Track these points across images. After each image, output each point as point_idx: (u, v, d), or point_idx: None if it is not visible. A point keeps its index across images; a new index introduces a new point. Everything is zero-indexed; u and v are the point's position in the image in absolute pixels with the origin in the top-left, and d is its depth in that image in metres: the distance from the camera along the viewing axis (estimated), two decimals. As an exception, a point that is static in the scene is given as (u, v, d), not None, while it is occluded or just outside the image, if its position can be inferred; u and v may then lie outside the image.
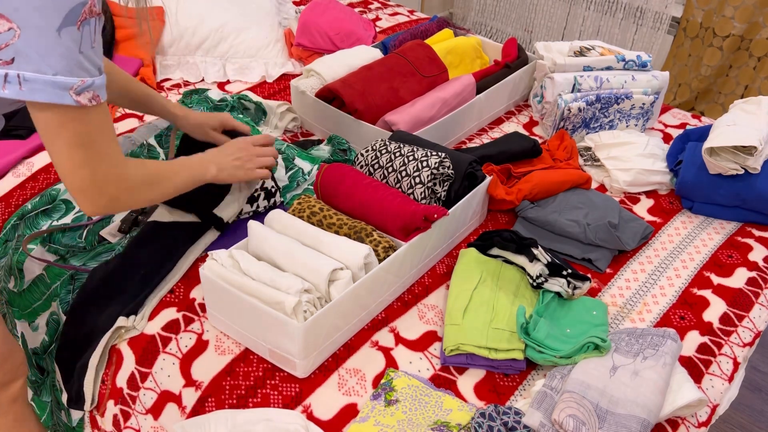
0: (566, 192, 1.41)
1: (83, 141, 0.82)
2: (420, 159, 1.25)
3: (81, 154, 0.83)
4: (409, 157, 1.26)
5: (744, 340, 1.16)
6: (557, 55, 1.66)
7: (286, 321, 0.97)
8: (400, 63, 1.60)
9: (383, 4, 2.38)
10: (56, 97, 0.77)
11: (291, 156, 1.45)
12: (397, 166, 1.26)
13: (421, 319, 1.16)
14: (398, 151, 1.28)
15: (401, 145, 1.30)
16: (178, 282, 1.20)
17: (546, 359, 1.03)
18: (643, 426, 0.91)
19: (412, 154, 1.26)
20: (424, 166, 1.24)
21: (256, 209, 1.30)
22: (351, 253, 1.07)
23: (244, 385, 1.03)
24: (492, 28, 3.51)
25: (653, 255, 1.32)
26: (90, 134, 0.83)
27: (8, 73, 0.74)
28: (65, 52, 0.75)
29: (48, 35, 0.74)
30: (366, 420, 0.96)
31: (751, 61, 2.68)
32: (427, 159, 1.24)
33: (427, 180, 1.23)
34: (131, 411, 1.05)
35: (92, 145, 0.84)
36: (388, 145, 1.30)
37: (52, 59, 0.75)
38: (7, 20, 0.72)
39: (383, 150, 1.29)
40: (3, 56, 0.74)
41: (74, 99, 0.78)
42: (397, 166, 1.26)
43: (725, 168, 1.36)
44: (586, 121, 1.61)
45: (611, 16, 3.01)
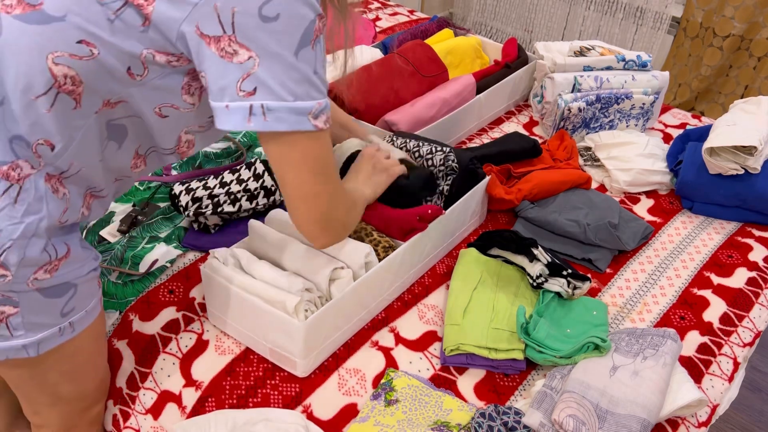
0: (566, 192, 1.41)
1: (318, 166, 0.80)
2: (425, 156, 1.26)
3: (319, 179, 0.81)
4: (415, 153, 1.28)
5: (744, 340, 1.16)
6: (557, 55, 1.66)
7: (287, 320, 0.97)
8: (400, 63, 1.60)
9: (383, 4, 2.38)
10: (297, 124, 0.74)
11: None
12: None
13: (421, 319, 1.16)
14: (404, 146, 1.30)
15: (407, 140, 1.31)
16: (177, 282, 1.20)
17: (546, 359, 1.03)
18: (643, 426, 0.91)
19: (418, 150, 1.28)
20: (429, 165, 1.25)
21: (255, 207, 1.30)
22: (352, 252, 1.07)
23: (244, 385, 1.03)
24: (492, 28, 3.51)
25: (653, 255, 1.32)
26: (323, 157, 0.80)
27: (252, 105, 0.72)
28: (302, 76, 0.73)
29: (286, 61, 0.72)
30: (366, 420, 0.96)
31: (751, 61, 2.68)
32: (432, 156, 1.25)
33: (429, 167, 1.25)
34: (131, 411, 1.04)
35: (326, 169, 0.81)
36: (395, 141, 1.31)
37: (291, 84, 0.72)
38: (247, 49, 0.70)
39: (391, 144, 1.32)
40: (246, 87, 0.72)
41: (312, 124, 0.75)
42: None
43: (725, 168, 1.36)
44: (586, 121, 1.61)
45: (611, 16, 3.01)
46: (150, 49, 0.74)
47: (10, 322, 0.82)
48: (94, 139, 0.81)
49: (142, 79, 0.77)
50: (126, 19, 0.72)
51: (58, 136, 0.77)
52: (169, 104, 0.81)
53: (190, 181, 1.31)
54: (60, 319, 0.86)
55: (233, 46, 0.71)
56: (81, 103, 0.76)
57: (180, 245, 1.27)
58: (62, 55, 0.73)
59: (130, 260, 1.21)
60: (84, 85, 0.75)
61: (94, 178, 0.85)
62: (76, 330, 0.89)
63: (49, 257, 0.82)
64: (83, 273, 0.87)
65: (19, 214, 0.78)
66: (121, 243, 1.25)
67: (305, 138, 0.77)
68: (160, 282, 1.20)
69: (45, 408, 1.00)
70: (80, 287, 0.87)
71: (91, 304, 0.91)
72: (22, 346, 0.85)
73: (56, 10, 0.72)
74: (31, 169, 0.78)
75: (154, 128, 0.84)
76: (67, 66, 0.73)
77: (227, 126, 0.74)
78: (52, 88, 0.74)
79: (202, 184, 1.30)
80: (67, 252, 0.84)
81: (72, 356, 0.93)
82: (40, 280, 0.82)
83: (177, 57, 0.75)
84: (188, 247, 1.27)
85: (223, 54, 0.71)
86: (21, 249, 0.78)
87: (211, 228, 1.28)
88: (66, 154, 0.79)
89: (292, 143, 0.77)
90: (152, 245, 1.25)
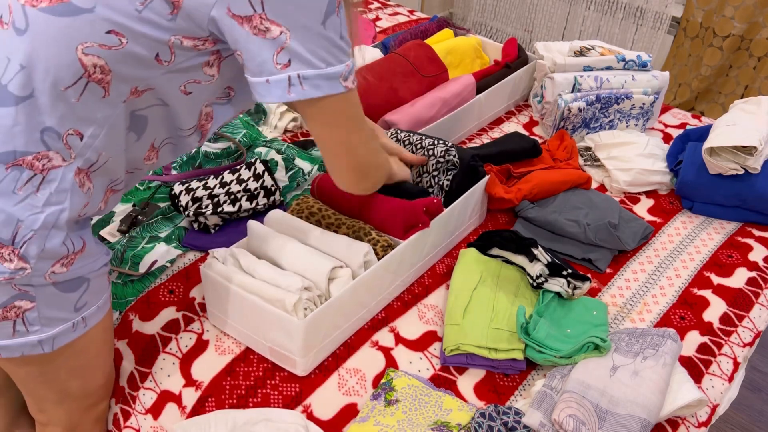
0: (566, 192, 1.41)
1: (354, 121, 0.86)
2: (427, 147, 1.28)
3: (354, 135, 0.87)
4: (417, 146, 1.29)
5: (744, 340, 1.16)
6: (557, 55, 1.66)
7: (287, 318, 0.97)
8: (400, 63, 1.60)
9: (383, 4, 2.38)
10: (331, 89, 0.79)
11: (291, 156, 1.45)
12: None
13: (421, 319, 1.16)
14: (407, 139, 1.31)
15: (411, 133, 1.32)
16: (177, 282, 1.20)
17: (546, 359, 1.03)
18: (643, 426, 0.91)
19: (420, 142, 1.30)
20: (430, 155, 1.26)
21: (255, 207, 1.30)
22: (351, 252, 1.07)
23: (244, 385, 1.03)
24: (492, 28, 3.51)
25: (653, 255, 1.32)
26: (357, 114, 0.86)
27: (290, 76, 0.76)
28: (331, 43, 0.77)
29: (315, 31, 0.76)
30: (366, 420, 0.96)
31: (751, 61, 2.68)
32: (434, 147, 1.26)
33: (433, 169, 1.25)
34: (131, 411, 1.05)
35: (360, 125, 0.88)
36: (398, 134, 1.32)
37: (322, 52, 0.77)
38: (278, 25, 0.74)
39: (393, 139, 1.32)
40: (281, 60, 0.76)
41: (344, 86, 0.80)
42: None
43: (725, 168, 1.36)
44: (586, 121, 1.61)
45: (611, 16, 3.01)
46: (177, 35, 0.76)
47: (26, 317, 0.83)
48: (121, 130, 0.82)
49: (169, 65, 0.79)
50: (154, 8, 0.73)
51: (87, 125, 0.78)
52: (192, 80, 0.83)
53: (190, 181, 1.31)
54: (74, 314, 0.87)
55: (265, 23, 0.74)
56: (109, 91, 0.77)
57: (180, 245, 1.27)
58: (92, 46, 0.74)
59: (130, 260, 1.21)
60: (113, 74, 0.76)
61: (117, 170, 0.87)
62: (88, 325, 0.90)
63: (67, 250, 0.83)
64: (96, 267, 0.88)
65: (41, 203, 0.79)
66: (121, 243, 1.25)
67: (338, 99, 0.82)
68: (160, 282, 1.20)
69: (51, 405, 1.00)
70: (93, 282, 0.88)
71: (103, 299, 0.92)
72: (38, 342, 0.85)
73: (85, 2, 0.73)
74: (62, 161, 0.79)
75: (177, 107, 0.86)
76: (96, 56, 0.74)
77: (268, 99, 0.78)
78: (81, 77, 0.75)
79: (202, 184, 1.30)
80: (83, 246, 0.85)
81: (82, 352, 0.94)
82: (57, 273, 0.82)
83: (203, 40, 0.78)
84: (188, 247, 1.27)
85: (256, 32, 0.74)
86: (41, 240, 0.79)
87: (211, 228, 1.28)
88: (95, 143, 0.80)
89: (327, 105, 0.82)
90: (152, 245, 1.25)
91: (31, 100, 0.75)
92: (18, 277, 0.79)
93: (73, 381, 0.97)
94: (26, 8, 0.74)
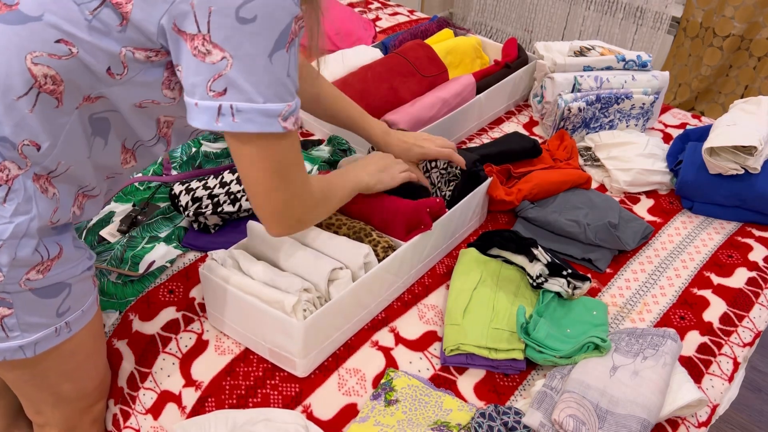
0: (566, 192, 1.41)
1: (281, 166, 0.81)
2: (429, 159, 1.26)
3: (277, 179, 0.81)
4: None
5: (744, 340, 1.16)
6: (557, 55, 1.66)
7: (286, 319, 0.97)
8: (400, 63, 1.60)
9: (383, 4, 2.38)
10: (266, 126, 0.74)
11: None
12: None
13: (421, 319, 1.16)
14: None
15: None
16: (177, 282, 1.20)
17: (546, 359, 1.03)
18: (643, 426, 0.91)
19: None
20: (433, 167, 1.25)
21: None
22: (351, 253, 1.07)
23: (244, 385, 1.03)
24: (492, 28, 3.51)
25: (653, 255, 1.32)
26: (287, 158, 0.81)
27: (222, 105, 0.72)
28: (274, 79, 0.73)
29: (259, 63, 0.71)
30: (366, 420, 0.96)
31: (751, 61, 2.68)
32: (436, 161, 1.25)
33: (437, 180, 1.25)
34: (131, 411, 1.05)
35: (288, 169, 0.82)
36: None
37: (262, 87, 0.72)
38: (221, 50, 0.70)
39: None
40: (216, 87, 0.72)
41: (282, 125, 0.75)
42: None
43: (725, 168, 1.36)
44: (586, 121, 1.61)
45: (611, 16, 3.01)
46: (129, 47, 0.74)
47: (5, 323, 0.82)
48: (80, 137, 0.81)
49: (122, 78, 0.77)
50: (103, 18, 0.72)
51: (43, 136, 0.77)
52: (149, 100, 0.81)
53: (190, 181, 1.31)
54: (56, 319, 0.86)
55: (207, 45, 0.70)
56: (62, 101, 0.76)
57: (180, 245, 1.27)
58: (41, 55, 0.72)
59: (130, 260, 1.21)
60: (65, 84, 0.75)
61: (84, 176, 0.85)
62: (72, 330, 0.89)
63: (41, 257, 0.81)
64: (77, 272, 0.87)
65: (8, 214, 0.78)
66: (121, 243, 1.25)
67: (271, 138, 0.77)
68: (160, 282, 1.20)
69: (47, 408, 1.00)
70: (75, 287, 0.87)
71: (87, 303, 0.91)
72: (18, 347, 0.84)
73: (33, 10, 0.71)
74: (18, 170, 0.77)
75: (132, 121, 0.83)
76: (46, 66, 0.73)
77: (196, 123, 0.74)
78: (32, 88, 0.74)
79: (202, 184, 1.30)
80: (59, 252, 0.84)
81: (71, 356, 0.93)
82: (32, 280, 0.81)
83: (156, 52, 0.75)
84: (188, 247, 1.27)
85: (196, 53, 0.71)
86: (12, 249, 0.78)
87: (211, 228, 1.28)
88: (53, 153, 0.79)
89: (256, 142, 0.77)
90: (152, 245, 1.25)
91: None
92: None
93: (65, 384, 0.96)
94: None
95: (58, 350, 0.89)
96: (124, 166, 0.90)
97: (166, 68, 0.78)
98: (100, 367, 1.03)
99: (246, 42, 0.70)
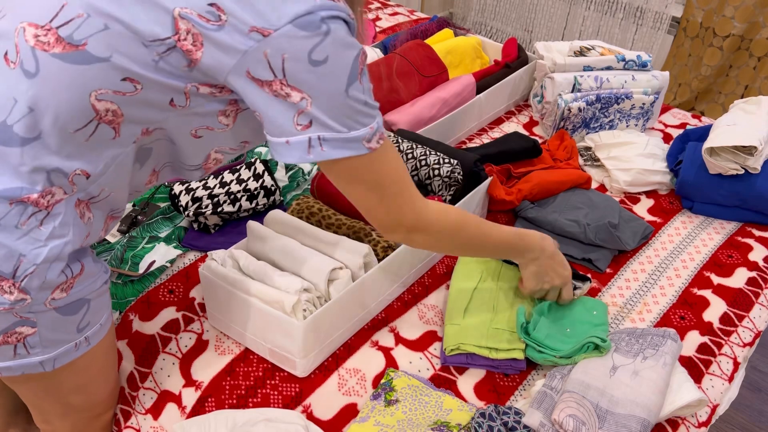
0: (566, 192, 1.41)
1: (376, 181, 0.84)
2: (432, 166, 1.26)
3: (377, 194, 0.85)
4: (420, 161, 1.27)
5: (744, 340, 1.16)
6: (557, 55, 1.66)
7: (286, 320, 0.97)
8: (400, 63, 1.60)
9: (383, 4, 2.38)
10: (352, 151, 0.78)
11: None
12: (408, 168, 1.26)
13: (421, 319, 1.16)
14: (411, 152, 1.29)
15: (414, 145, 1.30)
16: (177, 282, 1.20)
17: (546, 359, 1.03)
18: (643, 426, 0.91)
19: (425, 159, 1.27)
20: (435, 175, 1.25)
21: (255, 207, 1.30)
22: (350, 253, 1.07)
23: (244, 385, 1.03)
24: (492, 28, 3.51)
25: (653, 255, 1.32)
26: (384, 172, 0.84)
27: (311, 138, 0.76)
28: (354, 110, 0.76)
29: (337, 98, 0.75)
30: (366, 420, 0.96)
31: (751, 61, 2.68)
32: (440, 167, 1.25)
33: (438, 188, 1.25)
34: (131, 411, 1.04)
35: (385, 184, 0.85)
36: (400, 143, 1.31)
37: (343, 118, 0.76)
38: (299, 91, 0.73)
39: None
40: (301, 121, 0.75)
41: (366, 147, 0.79)
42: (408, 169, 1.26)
43: (725, 168, 1.36)
44: (586, 121, 1.61)
45: (611, 16, 3.01)
46: (194, 83, 0.76)
47: (27, 342, 0.82)
48: (128, 165, 0.82)
49: (184, 109, 0.78)
50: (171, 61, 0.73)
51: (94, 165, 0.78)
52: (204, 126, 0.82)
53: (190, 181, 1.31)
54: (76, 334, 0.86)
55: (285, 89, 0.73)
56: (120, 132, 0.77)
57: (180, 245, 1.27)
58: (106, 93, 0.73)
59: (130, 260, 1.21)
60: (124, 117, 0.76)
61: (119, 201, 0.86)
62: (91, 343, 0.89)
63: (65, 277, 0.81)
64: (96, 287, 0.87)
65: (44, 237, 0.77)
66: (121, 243, 1.25)
67: (360, 160, 0.80)
68: (160, 282, 1.20)
69: (56, 418, 1.00)
70: (93, 302, 0.87)
71: (105, 316, 0.91)
72: (38, 363, 0.84)
73: (101, 51, 0.71)
74: (63, 195, 0.78)
75: (184, 148, 0.85)
76: (109, 101, 0.74)
77: (288, 159, 0.78)
78: (92, 120, 0.74)
79: (202, 184, 1.30)
80: (81, 269, 0.84)
81: (85, 369, 0.93)
82: (56, 299, 0.81)
83: (220, 88, 0.77)
84: (188, 247, 1.27)
85: (276, 95, 0.74)
86: (43, 273, 0.78)
87: (211, 228, 1.28)
88: (100, 180, 0.80)
89: (349, 165, 0.81)
90: (152, 245, 1.25)
91: (38, 141, 0.74)
92: (18, 307, 0.78)
93: (77, 396, 0.96)
94: (37, 51, 0.72)
95: (75, 364, 0.89)
96: (147, 186, 0.91)
97: (228, 103, 0.80)
98: (112, 377, 1.03)
99: (321, 82, 0.73)
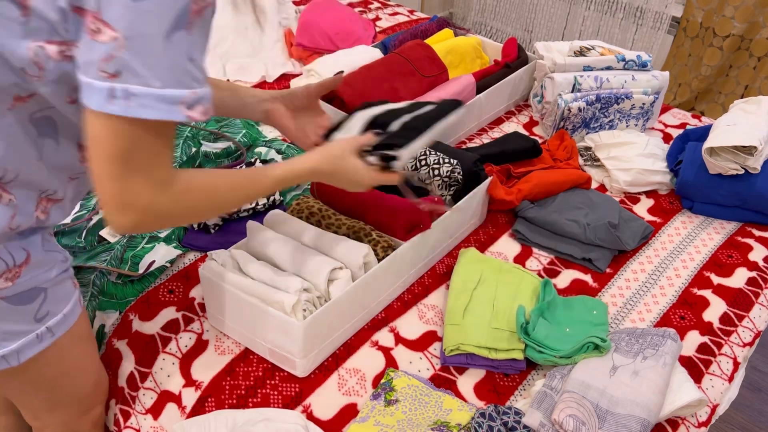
0: (566, 192, 1.41)
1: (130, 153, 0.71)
2: (432, 165, 1.26)
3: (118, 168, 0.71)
4: (420, 161, 1.27)
5: (744, 340, 1.16)
6: (557, 55, 1.66)
7: (286, 319, 0.97)
8: (400, 63, 1.60)
9: (383, 4, 2.38)
10: (166, 114, 0.67)
11: (291, 156, 1.45)
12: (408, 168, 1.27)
13: (421, 319, 1.16)
14: None
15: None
16: (177, 282, 1.20)
17: (546, 359, 1.03)
18: (643, 426, 0.91)
19: (425, 158, 1.27)
20: (435, 175, 1.25)
21: (255, 207, 1.30)
22: (350, 253, 1.07)
23: (244, 385, 1.03)
24: (492, 28, 3.51)
25: (653, 255, 1.32)
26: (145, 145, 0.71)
27: (114, 87, 0.65)
28: (174, 63, 0.66)
29: (155, 44, 0.65)
30: (366, 420, 0.96)
31: (751, 61, 2.68)
32: (439, 167, 1.25)
33: (438, 188, 1.25)
34: (131, 411, 1.04)
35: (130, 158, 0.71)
36: None
37: (159, 70, 0.66)
38: (111, 29, 0.63)
39: None
40: (108, 69, 0.65)
41: (185, 114, 0.68)
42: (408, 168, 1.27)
43: (725, 168, 1.36)
44: (586, 121, 1.61)
45: (611, 16, 3.01)
46: (38, 41, 0.68)
47: None
48: (23, 140, 0.76)
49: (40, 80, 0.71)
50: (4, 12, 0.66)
51: None
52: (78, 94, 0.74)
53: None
54: (35, 325, 0.84)
55: (97, 23, 0.64)
56: None
57: (180, 245, 1.27)
58: None
59: (130, 260, 1.21)
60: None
61: (41, 180, 0.81)
62: (56, 334, 0.87)
63: (6, 265, 0.79)
64: (51, 277, 0.84)
65: None
66: (121, 243, 1.25)
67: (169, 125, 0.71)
68: (159, 282, 1.20)
69: (43, 413, 0.99)
70: (51, 291, 0.85)
71: (68, 306, 0.88)
72: (1, 357, 0.83)
73: None
74: None
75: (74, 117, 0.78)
76: None
77: (89, 102, 0.67)
78: None
79: (201, 184, 1.29)
80: (27, 257, 0.81)
81: (58, 361, 0.91)
82: (1, 288, 0.79)
83: (67, 44, 0.69)
84: (188, 247, 1.27)
85: (87, 30, 0.65)
86: None
87: (211, 228, 1.28)
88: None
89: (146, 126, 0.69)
90: (152, 245, 1.25)
91: None
92: None
93: (57, 389, 0.95)
94: None
95: (44, 356, 0.87)
96: (84, 165, 0.85)
97: None
98: (92, 370, 1.01)
99: (139, 20, 0.64)
